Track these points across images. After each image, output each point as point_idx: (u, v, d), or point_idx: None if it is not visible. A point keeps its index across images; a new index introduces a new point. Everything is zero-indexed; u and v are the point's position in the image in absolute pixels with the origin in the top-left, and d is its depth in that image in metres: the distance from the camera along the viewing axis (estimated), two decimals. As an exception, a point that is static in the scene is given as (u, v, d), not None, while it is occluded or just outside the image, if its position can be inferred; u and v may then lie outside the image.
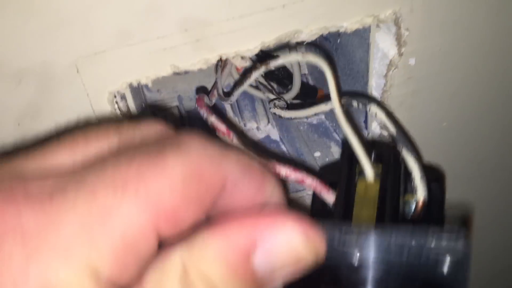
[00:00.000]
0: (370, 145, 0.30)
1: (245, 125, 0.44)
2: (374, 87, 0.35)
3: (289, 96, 0.42)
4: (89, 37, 0.25)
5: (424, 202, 0.28)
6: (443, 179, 0.36)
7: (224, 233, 0.18)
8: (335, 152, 0.42)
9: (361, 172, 0.29)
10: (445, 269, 0.22)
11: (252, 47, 0.28)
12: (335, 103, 0.28)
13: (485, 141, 0.40)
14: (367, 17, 0.29)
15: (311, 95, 0.43)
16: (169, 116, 0.45)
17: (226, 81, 0.40)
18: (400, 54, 0.32)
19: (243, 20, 0.27)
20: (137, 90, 0.36)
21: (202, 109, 0.30)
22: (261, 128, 0.45)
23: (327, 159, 0.41)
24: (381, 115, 0.28)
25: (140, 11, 0.25)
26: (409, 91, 0.34)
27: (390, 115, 0.28)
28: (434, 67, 0.33)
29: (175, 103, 0.45)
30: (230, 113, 0.45)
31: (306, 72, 0.47)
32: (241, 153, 0.22)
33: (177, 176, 0.19)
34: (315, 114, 0.31)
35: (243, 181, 0.22)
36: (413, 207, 0.28)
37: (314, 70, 0.46)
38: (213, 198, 0.20)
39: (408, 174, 0.28)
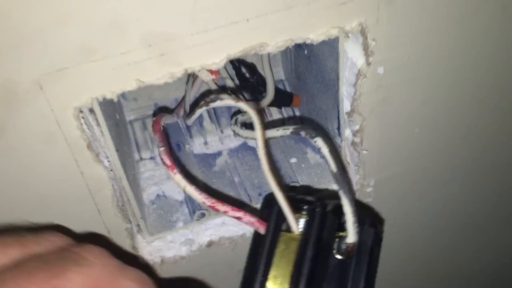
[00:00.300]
0: (299, 196, 0.30)
1: (222, 131, 0.45)
2: (345, 96, 0.35)
3: (264, 103, 0.42)
4: (51, 54, 0.25)
5: (353, 247, 0.28)
6: (381, 225, 0.37)
7: None
8: (311, 158, 0.42)
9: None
10: None
11: (217, 60, 0.28)
12: (262, 160, 0.29)
13: (456, 146, 0.40)
14: (332, 29, 0.29)
15: (286, 101, 0.43)
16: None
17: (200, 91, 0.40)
18: (368, 64, 0.32)
19: (207, 34, 0.27)
20: (110, 101, 0.36)
21: (156, 135, 0.30)
22: (225, 134, 0.45)
23: (303, 165, 0.42)
24: (325, 151, 0.28)
25: (102, 28, 0.25)
26: (379, 99, 0.34)
27: (334, 151, 0.28)
28: (402, 76, 0.33)
29: (151, 111, 0.45)
30: (207, 119, 0.45)
31: (283, 78, 0.47)
32: (137, 271, 0.24)
33: None
34: (268, 138, 0.32)
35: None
36: (344, 247, 0.28)
37: (291, 76, 0.46)
38: None
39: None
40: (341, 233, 0.29)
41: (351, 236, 0.28)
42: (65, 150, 0.28)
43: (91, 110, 0.29)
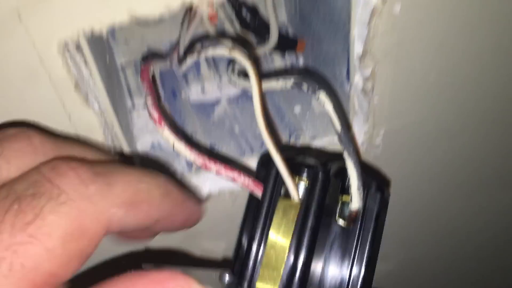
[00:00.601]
0: (300, 158, 0.27)
1: (220, 78, 0.42)
2: (357, 37, 0.32)
3: (267, 48, 0.39)
4: (30, -22, 0.22)
5: (356, 214, 0.26)
6: (387, 187, 0.34)
7: None
8: (316, 106, 0.40)
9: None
10: None
11: (220, -10, 0.25)
12: (258, 119, 0.26)
13: (472, 95, 0.38)
14: (348, -43, 0.26)
15: (290, 46, 0.40)
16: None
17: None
18: (384, 1, 0.29)
19: (208, -41, 0.24)
20: (99, 41, 0.33)
21: (144, 83, 0.27)
22: (222, 83, 0.42)
23: (307, 114, 0.39)
24: (329, 107, 0.25)
25: None
26: (395, 42, 0.31)
27: (338, 107, 0.25)
28: (420, 15, 0.30)
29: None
30: (204, 65, 0.42)
31: (285, 20, 0.44)
32: (124, 184, 0.21)
33: (56, 239, 0.17)
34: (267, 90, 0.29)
35: (132, 210, 0.21)
36: (348, 214, 0.26)
37: (294, 18, 0.43)
38: (95, 245, 0.19)
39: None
40: (344, 197, 0.27)
41: (355, 201, 0.26)
42: (50, 91, 0.26)
43: (78, 48, 0.26)
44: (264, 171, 0.27)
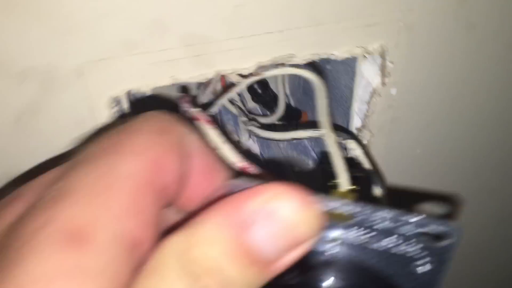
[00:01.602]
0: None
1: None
2: (357, 112, 0.37)
3: (274, 118, 0.44)
4: (95, 44, 0.26)
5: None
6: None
7: (220, 211, 0.17)
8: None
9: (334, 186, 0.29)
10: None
11: (248, 66, 0.30)
12: (325, 126, 0.29)
13: (455, 168, 0.42)
14: (356, 48, 0.31)
15: (295, 117, 0.45)
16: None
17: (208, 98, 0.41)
18: (383, 84, 0.34)
19: (242, 40, 0.28)
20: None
21: (185, 104, 0.31)
22: (242, 142, 0.46)
23: (304, 176, 0.43)
24: (359, 152, 0.29)
25: (146, 24, 0.26)
26: (389, 118, 0.36)
27: (366, 151, 0.30)
28: (413, 98, 0.35)
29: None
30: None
31: (288, 92, 0.49)
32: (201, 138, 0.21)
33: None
34: (293, 139, 0.33)
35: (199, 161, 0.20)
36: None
37: (296, 91, 0.48)
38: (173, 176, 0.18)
39: None
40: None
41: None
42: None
43: (118, 102, 0.30)
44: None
